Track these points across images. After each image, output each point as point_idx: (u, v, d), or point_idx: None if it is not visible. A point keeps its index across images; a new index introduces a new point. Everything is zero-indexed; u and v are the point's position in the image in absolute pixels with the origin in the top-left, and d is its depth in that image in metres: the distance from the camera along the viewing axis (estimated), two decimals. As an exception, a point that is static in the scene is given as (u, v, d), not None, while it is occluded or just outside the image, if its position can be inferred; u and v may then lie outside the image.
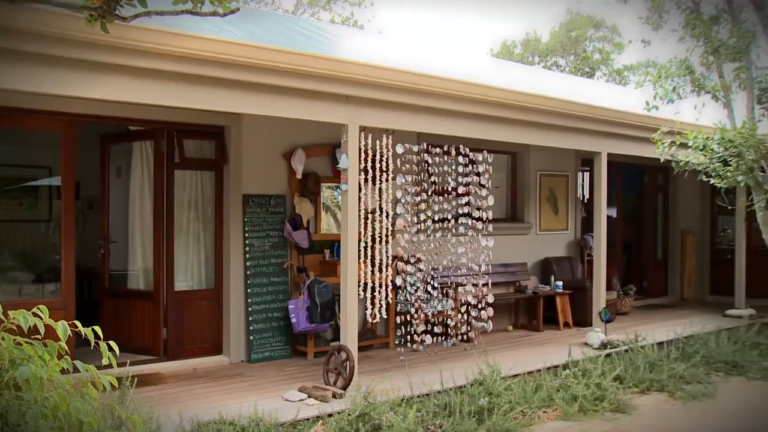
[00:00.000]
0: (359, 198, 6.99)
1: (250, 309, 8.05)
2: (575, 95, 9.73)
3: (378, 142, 7.25)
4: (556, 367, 7.77)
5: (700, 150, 8.70)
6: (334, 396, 6.44)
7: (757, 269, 11.96)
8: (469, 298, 8.62)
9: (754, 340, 9.55)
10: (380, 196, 7.46)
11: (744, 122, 8.80)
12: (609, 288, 10.98)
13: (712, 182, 8.99)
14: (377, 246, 7.32)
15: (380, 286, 7.30)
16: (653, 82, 9.08)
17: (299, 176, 8.38)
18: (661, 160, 9.19)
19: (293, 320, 7.88)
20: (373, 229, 7.31)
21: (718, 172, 8.76)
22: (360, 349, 7.59)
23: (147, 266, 8.02)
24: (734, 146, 8.44)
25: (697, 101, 9.18)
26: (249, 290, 8.06)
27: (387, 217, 7.44)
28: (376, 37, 13.55)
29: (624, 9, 9.58)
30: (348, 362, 6.69)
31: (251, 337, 8.02)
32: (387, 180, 7.40)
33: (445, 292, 8.95)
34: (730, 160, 8.56)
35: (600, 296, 9.60)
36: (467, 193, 8.66)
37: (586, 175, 12.20)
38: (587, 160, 11.21)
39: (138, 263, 8.09)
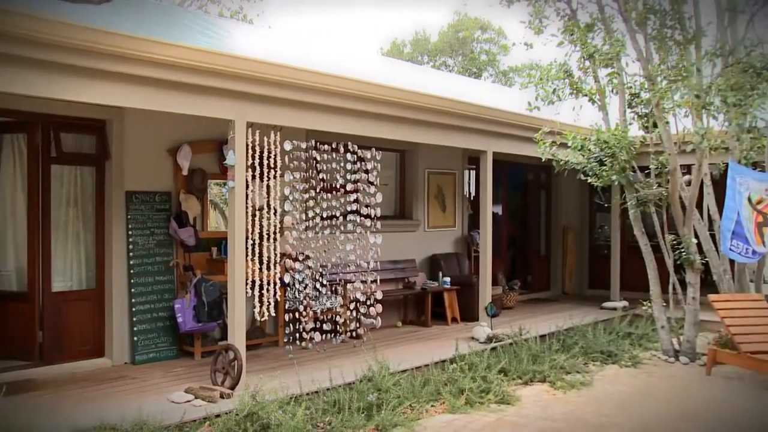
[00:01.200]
0: (247, 195, 6.90)
1: (134, 309, 7.79)
2: (463, 95, 9.94)
3: (266, 138, 7.17)
4: (444, 361, 7.93)
5: (579, 150, 9.12)
6: (221, 396, 6.34)
7: (630, 264, 12.62)
8: (358, 295, 8.67)
9: (627, 330, 10.08)
10: (268, 193, 7.39)
11: (617, 125, 9.28)
12: (495, 283, 11.30)
13: (589, 181, 9.44)
14: (265, 243, 7.25)
15: (268, 283, 7.23)
16: (534, 84, 9.43)
17: (185, 173, 8.17)
18: (543, 159, 9.56)
19: (179, 320, 7.69)
20: (261, 226, 7.23)
21: (594, 171, 9.21)
22: (249, 347, 7.50)
23: (21, 266, 7.61)
24: (609, 147, 8.89)
25: (575, 103, 9.60)
26: (133, 290, 7.80)
27: (275, 214, 7.37)
28: (266, 32, 13.39)
29: (508, 12, 9.91)
30: (236, 361, 6.60)
31: (135, 338, 7.77)
32: (275, 177, 7.33)
33: (334, 289, 8.97)
34: (605, 160, 9.01)
35: (486, 291, 9.86)
36: (356, 191, 8.70)
37: (473, 173, 12.51)
38: (474, 159, 11.50)
39: (10, 263, 7.67)
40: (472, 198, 12.57)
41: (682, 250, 8.99)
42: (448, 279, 10.83)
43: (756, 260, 9.16)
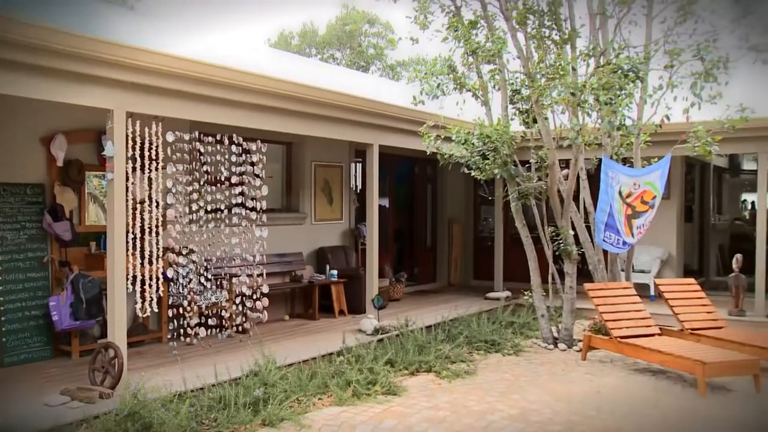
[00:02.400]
0: (127, 187, 6.66)
1: (2, 308, 7.36)
2: (350, 88, 9.96)
3: (147, 129, 6.94)
4: (331, 354, 7.95)
5: (462, 144, 9.33)
6: (101, 396, 6.10)
7: (513, 255, 13.04)
8: (244, 289, 8.55)
9: (509, 319, 10.42)
10: (150, 185, 7.15)
11: (499, 120, 9.55)
12: (382, 275, 11.41)
13: (472, 174, 9.68)
14: (147, 237, 7.02)
15: (151, 279, 7.01)
16: (419, 78, 9.57)
17: (60, 163, 7.79)
18: (428, 153, 9.72)
19: (55, 318, 7.33)
20: (143, 219, 6.99)
21: (477, 164, 9.45)
22: (131, 345, 7.27)
23: None
24: (491, 141, 9.14)
25: (459, 98, 9.80)
26: (1, 287, 7.38)
27: (157, 207, 7.15)
28: (147, 18, 12.92)
29: (394, 7, 9.99)
30: (116, 360, 6.37)
31: (4, 339, 7.35)
32: (157, 169, 7.11)
33: (219, 283, 8.81)
34: (488, 154, 9.27)
35: (373, 284, 9.95)
36: (241, 183, 8.57)
37: (359, 166, 12.56)
38: (361, 152, 11.55)
39: None
40: (358, 191, 12.63)
41: (561, 241, 9.37)
42: (335, 272, 10.85)
43: (626, 250, 9.67)
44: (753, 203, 17.32)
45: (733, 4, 9.27)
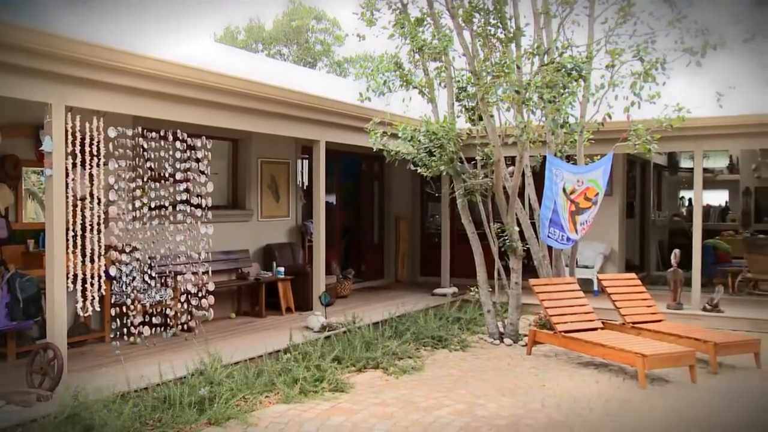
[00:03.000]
0: (67, 184, 6.49)
1: (-65, 309, 7.11)
2: (297, 84, 9.91)
3: (88, 124, 6.78)
4: (278, 351, 7.91)
5: (409, 141, 9.36)
6: (39, 399, 5.94)
7: (459, 251, 13.16)
8: (189, 287, 8.44)
9: (456, 315, 10.51)
10: (91, 181, 6.99)
11: (445, 117, 9.62)
12: (329, 272, 11.38)
13: (419, 171, 9.73)
14: (88, 235, 6.86)
15: (92, 277, 6.85)
16: (366, 75, 9.56)
17: (-6, 159, 7.56)
18: (374, 149, 9.73)
19: (-11, 319, 7.11)
20: (84, 217, 6.83)
21: (424, 161, 9.50)
22: (71, 345, 7.11)
23: None
24: (437, 138, 9.20)
25: (405, 95, 9.84)
26: (-66, 288, 7.13)
27: (99, 204, 6.99)
28: (89, 11, 12.61)
29: (341, 3, 9.97)
30: (56, 361, 6.21)
31: (-66, 342, 7.11)
32: (98, 165, 6.95)
33: (164, 281, 8.66)
34: (434, 151, 9.32)
35: (320, 281, 9.92)
36: (186, 180, 8.44)
37: (306, 162, 12.49)
38: (307, 148, 11.49)
39: None
40: (305, 187, 12.55)
41: (506, 237, 9.49)
42: (282, 269, 10.78)
43: (570, 246, 9.85)
44: (690, 200, 17.81)
45: (669, 7, 9.51)
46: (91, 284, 6.84)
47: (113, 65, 6.59)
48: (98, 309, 7.00)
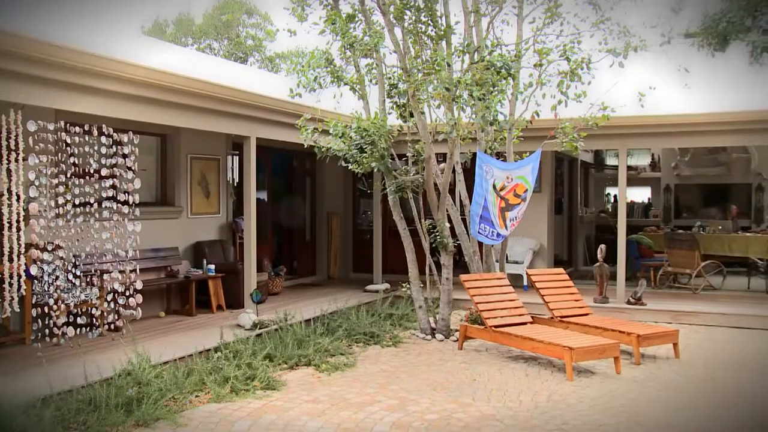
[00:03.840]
0: (-16, 180, 6.24)
1: None
2: (227, 79, 9.76)
3: (5, 117, 6.53)
4: (209, 350, 7.81)
5: (340, 137, 9.35)
6: (-46, 404, 5.70)
7: (391, 247, 13.22)
8: (116, 286, 8.21)
9: (388, 311, 10.56)
10: (9, 177, 6.73)
11: (376, 113, 9.64)
12: (260, 270, 11.28)
13: (350, 167, 9.73)
14: (6, 233, 6.61)
15: (11, 277, 6.61)
16: (296, 71, 9.51)
17: None
18: (305, 146, 9.69)
19: None
20: (1, 214, 6.58)
21: (355, 158, 9.50)
22: (-12, 348, 6.84)
23: None
24: (368, 135, 9.21)
25: (336, 91, 9.82)
26: None
27: (18, 200, 6.74)
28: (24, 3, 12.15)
29: (272, -2, 9.88)
30: (-28, 364, 5.97)
31: None
32: (17, 160, 6.70)
33: (89, 280, 8.41)
34: (366, 148, 9.33)
35: (251, 278, 9.82)
36: (112, 176, 8.21)
37: (236, 158, 12.35)
38: (238, 144, 11.36)
39: None
40: (236, 184, 12.41)
41: (437, 233, 9.58)
42: (212, 266, 10.63)
43: (500, 242, 10.01)
44: (615, 197, 18.32)
45: (593, 9, 9.77)
46: (10, 284, 6.59)
47: (31, 55, 6.36)
48: (18, 310, 6.76)
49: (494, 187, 9.32)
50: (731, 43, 8.35)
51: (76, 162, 8.05)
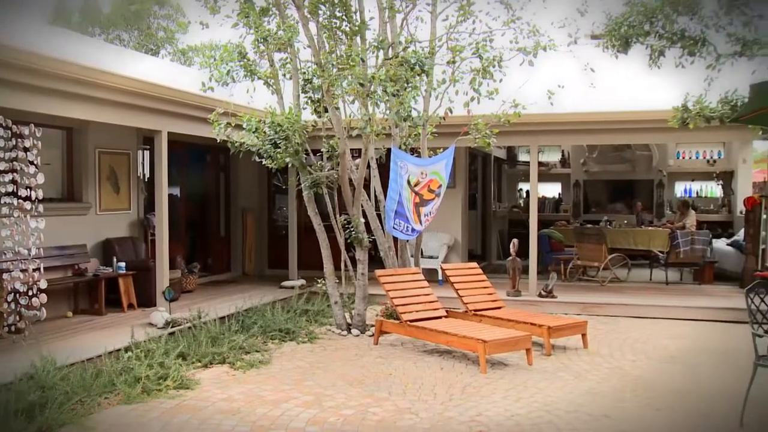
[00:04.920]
0: None
1: None
2: (137, 72, 9.49)
3: None
4: (119, 350, 7.58)
5: (253, 132, 9.25)
6: None
7: (307, 243, 13.13)
8: (18, 285, 7.88)
9: (304, 307, 10.51)
10: None
11: (290, 108, 9.58)
12: (173, 267, 11.05)
13: (264, 163, 9.64)
14: None
15: None
16: (208, 65, 9.34)
17: None
18: (218, 141, 9.54)
19: None
20: None
21: (269, 153, 9.41)
22: None
23: None
24: (282, 130, 9.14)
25: (249, 86, 9.69)
26: None
27: None
28: None
29: (185, -11, 9.68)
30: None
31: None
32: None
33: (-13, 280, 8.05)
34: (280, 143, 9.26)
35: (164, 275, 9.60)
36: (12, 171, 7.86)
37: (148, 153, 12.03)
38: (150, 138, 11.06)
39: None
40: (147, 179, 12.08)
41: (352, 229, 9.59)
42: (123, 264, 10.33)
43: (415, 237, 10.11)
44: (528, 192, 18.78)
45: (504, 8, 9.99)
46: None
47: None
48: None
49: (409, 182, 9.40)
50: (633, 46, 8.69)
51: (-28, 156, 7.69)
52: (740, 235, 13.81)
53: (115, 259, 10.42)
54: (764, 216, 12.50)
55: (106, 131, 10.61)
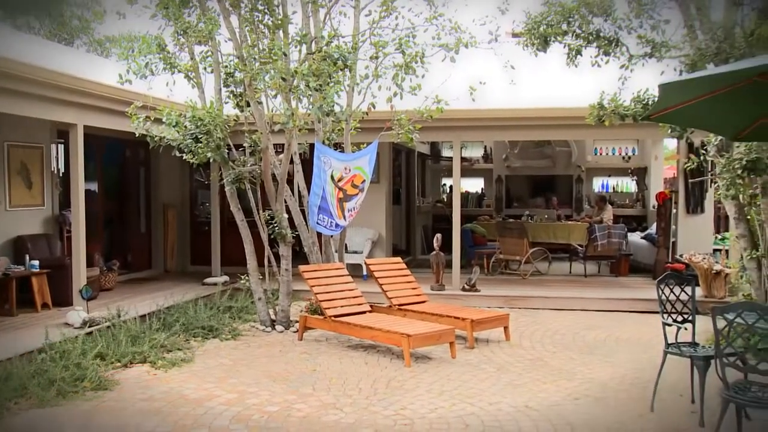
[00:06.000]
0: None
1: None
2: (50, 62, 9.16)
3: None
4: (32, 352, 7.32)
5: (174, 126, 9.06)
6: None
7: (230, 239, 12.95)
8: None
9: (227, 304, 10.37)
10: None
11: (212, 102, 9.43)
12: (91, 264, 10.73)
13: (185, 158, 9.46)
14: None
15: None
16: (125, 57, 9.10)
17: None
18: (137, 135, 9.31)
19: None
20: None
21: (190, 148, 9.25)
22: None
23: None
24: (204, 124, 9.00)
25: (169, 79, 9.49)
26: None
27: None
28: None
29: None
30: None
31: None
32: None
33: None
34: (201, 138, 9.11)
35: (80, 273, 9.33)
36: None
37: (63, 147, 11.64)
38: (64, 132, 10.70)
39: None
40: (62, 174, 11.68)
41: (276, 225, 9.51)
42: (36, 262, 9.94)
43: (339, 232, 10.10)
44: (451, 187, 19.01)
45: (427, 4, 10.08)
46: None
47: None
48: None
49: (332, 177, 9.38)
50: (551, 45, 8.91)
51: None
52: (653, 229, 14.34)
53: (27, 257, 10.03)
54: (674, 210, 13.03)
55: (16, 124, 10.19)
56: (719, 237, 13.88)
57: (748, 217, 8.50)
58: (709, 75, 4.69)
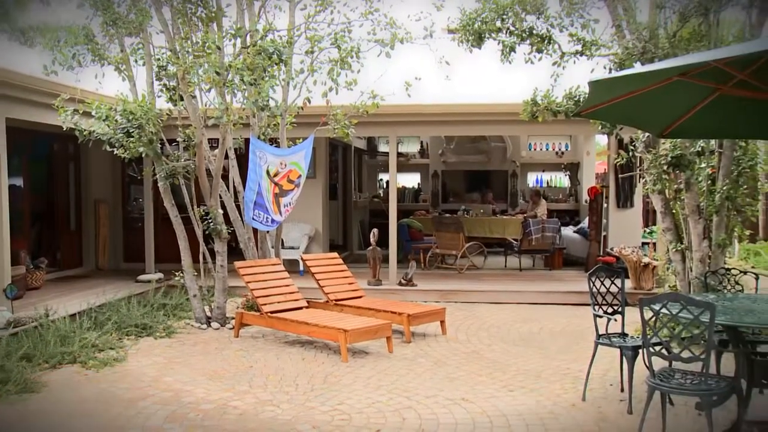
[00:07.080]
0: None
1: None
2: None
3: None
4: (-50, 355, 7.05)
5: (104, 120, 8.84)
6: None
7: (164, 236, 12.73)
8: None
9: (161, 301, 10.18)
10: None
11: (144, 96, 9.23)
12: (17, 262, 10.39)
13: (116, 152, 9.25)
14: None
15: None
16: (51, 47, 8.82)
17: None
18: (65, 128, 9.05)
19: None
20: None
21: (121, 142, 9.04)
22: None
23: None
24: (135, 118, 8.80)
25: (98, 71, 9.25)
26: None
27: None
28: None
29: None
30: None
31: None
32: None
33: None
34: (133, 132, 8.91)
35: (5, 272, 9.01)
36: None
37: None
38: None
39: None
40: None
41: (210, 220, 9.39)
42: (-43, 261, 9.59)
43: (275, 228, 10.03)
44: (387, 182, 19.08)
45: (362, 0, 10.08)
46: None
47: None
48: None
49: (268, 173, 9.30)
50: (486, 41, 9.02)
51: None
52: (585, 223, 14.69)
53: (-52, 257, 9.65)
54: (605, 205, 13.37)
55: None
56: (647, 230, 14.30)
57: (674, 211, 8.78)
58: (635, 73, 4.81)
